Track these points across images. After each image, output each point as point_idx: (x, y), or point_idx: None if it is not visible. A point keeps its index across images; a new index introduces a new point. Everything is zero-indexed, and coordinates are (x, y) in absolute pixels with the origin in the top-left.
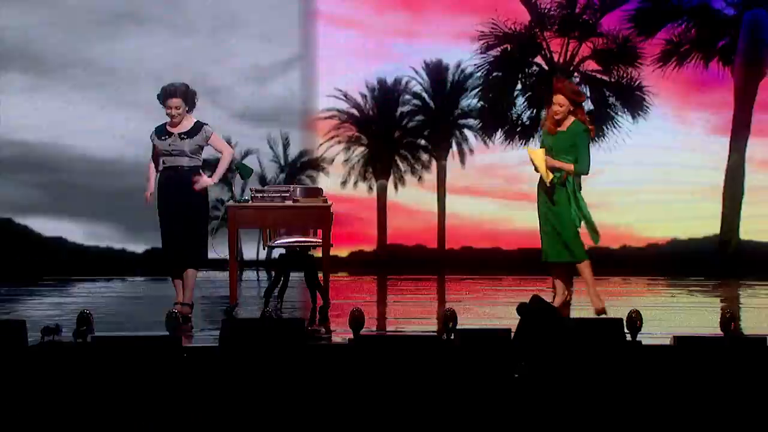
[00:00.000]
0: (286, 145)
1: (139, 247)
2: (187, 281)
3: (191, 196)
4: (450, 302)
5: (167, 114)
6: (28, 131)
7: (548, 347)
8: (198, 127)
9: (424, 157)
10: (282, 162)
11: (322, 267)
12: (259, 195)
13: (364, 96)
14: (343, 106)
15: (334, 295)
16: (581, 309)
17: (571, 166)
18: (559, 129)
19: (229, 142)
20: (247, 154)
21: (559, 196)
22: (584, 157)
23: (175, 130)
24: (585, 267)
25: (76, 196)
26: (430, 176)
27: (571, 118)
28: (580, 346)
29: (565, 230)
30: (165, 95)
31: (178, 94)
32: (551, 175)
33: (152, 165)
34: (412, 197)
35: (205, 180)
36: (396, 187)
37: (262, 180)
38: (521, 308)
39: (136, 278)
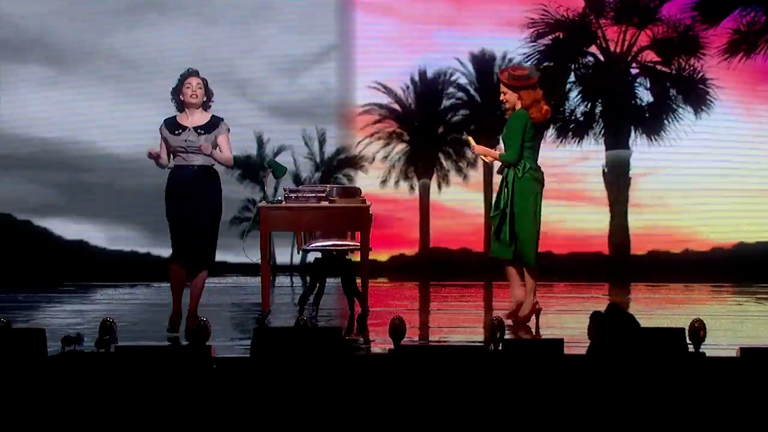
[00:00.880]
0: (321, 142)
1: (165, 251)
2: (197, 286)
3: (207, 198)
4: (498, 310)
5: (186, 94)
6: (46, 127)
7: (627, 360)
8: (216, 121)
9: (470, 154)
10: (317, 160)
11: (360, 272)
12: (293, 195)
13: (405, 89)
14: (383, 99)
15: (373, 302)
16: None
17: (495, 153)
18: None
19: (260, 139)
20: (280, 151)
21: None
22: (512, 144)
23: (189, 124)
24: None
25: (97, 197)
26: (476, 175)
27: (519, 104)
28: (639, 357)
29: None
30: (184, 75)
31: (200, 76)
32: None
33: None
34: (456, 197)
35: (208, 147)
36: (439, 186)
37: (297, 179)
38: (596, 317)
39: (162, 284)
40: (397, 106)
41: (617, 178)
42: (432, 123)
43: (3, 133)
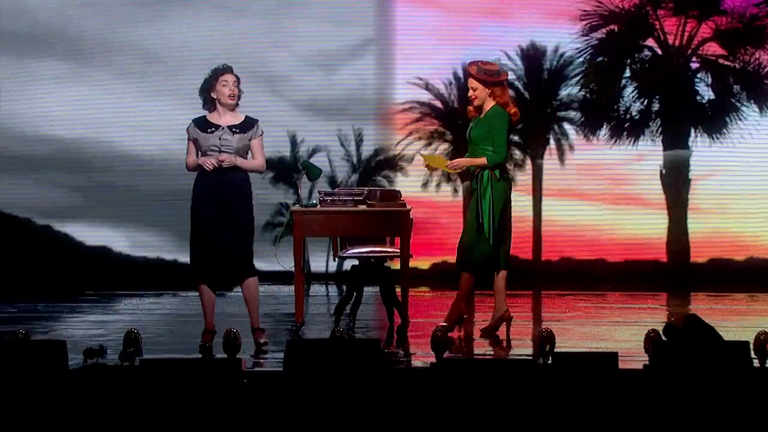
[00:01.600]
0: (358, 142)
1: None
2: (252, 294)
3: (242, 201)
4: (547, 321)
5: (222, 93)
6: (66, 125)
7: (705, 377)
8: (251, 122)
9: (517, 154)
10: (354, 161)
11: (401, 280)
12: (328, 198)
13: (447, 85)
14: (424, 96)
15: (413, 312)
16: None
17: (482, 160)
18: (478, 118)
19: (294, 139)
20: (314, 151)
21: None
22: (499, 144)
23: (223, 122)
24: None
25: (121, 200)
26: (524, 177)
27: (491, 102)
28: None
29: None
30: (219, 71)
31: (235, 73)
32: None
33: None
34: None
35: (230, 158)
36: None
37: (332, 181)
38: (670, 330)
39: (190, 293)
40: (439, 104)
41: (676, 181)
42: None
43: (21, 132)
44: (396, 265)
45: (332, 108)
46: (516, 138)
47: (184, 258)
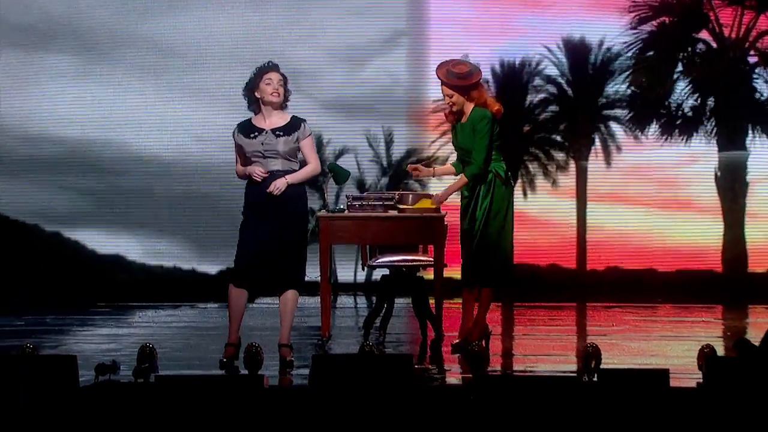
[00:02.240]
0: (389, 142)
1: (212, 267)
2: (288, 308)
3: (292, 207)
4: (592, 336)
5: (265, 91)
6: (76, 125)
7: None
8: (296, 123)
9: (560, 156)
10: (384, 163)
11: (434, 291)
12: (356, 203)
13: (485, 81)
14: None
15: (448, 325)
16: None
17: (461, 181)
18: (462, 121)
19: (319, 140)
20: (341, 153)
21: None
22: (478, 150)
23: (267, 126)
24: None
25: (135, 205)
26: (568, 180)
27: (470, 105)
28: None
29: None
30: (263, 69)
31: (281, 72)
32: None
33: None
34: (544, 206)
35: (281, 182)
36: (525, 193)
37: (361, 185)
38: (742, 345)
39: (209, 305)
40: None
41: (732, 184)
42: (516, 121)
43: (28, 132)
44: (429, 274)
45: (361, 106)
46: (559, 138)
47: (203, 267)
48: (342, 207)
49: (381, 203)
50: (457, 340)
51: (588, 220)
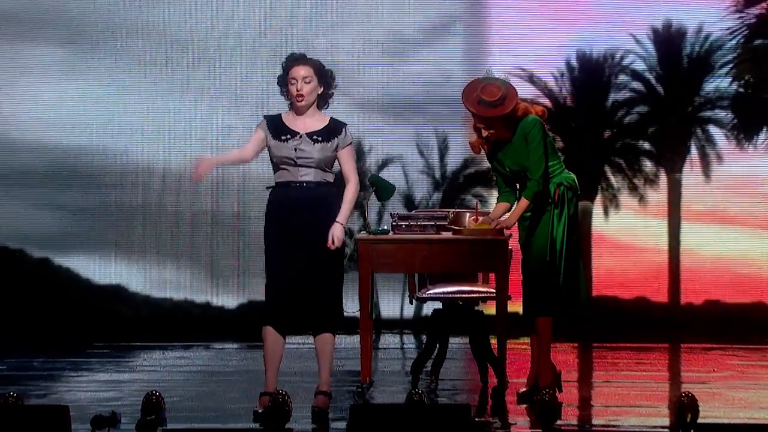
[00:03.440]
0: (442, 150)
1: (230, 300)
2: (325, 351)
3: (324, 228)
4: (688, 383)
5: (289, 91)
6: (66, 130)
7: None
8: (337, 127)
9: (648, 166)
10: (437, 175)
11: (496, 329)
12: (403, 224)
13: (558, 77)
14: (528, 91)
15: (513, 370)
16: None
17: (523, 203)
18: (507, 145)
19: (359, 147)
20: (385, 163)
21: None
22: (534, 164)
23: (302, 128)
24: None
25: (138, 225)
26: (658, 195)
27: (506, 131)
28: None
29: None
30: (287, 63)
31: (310, 63)
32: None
33: (239, 153)
34: (629, 226)
35: (339, 230)
36: (605, 211)
37: (408, 201)
38: None
39: (227, 345)
40: (547, 101)
41: None
42: (596, 124)
43: (9, 138)
44: (491, 308)
45: (407, 107)
46: (647, 145)
47: (219, 300)
48: (386, 228)
49: (432, 224)
50: (524, 389)
51: (682, 243)
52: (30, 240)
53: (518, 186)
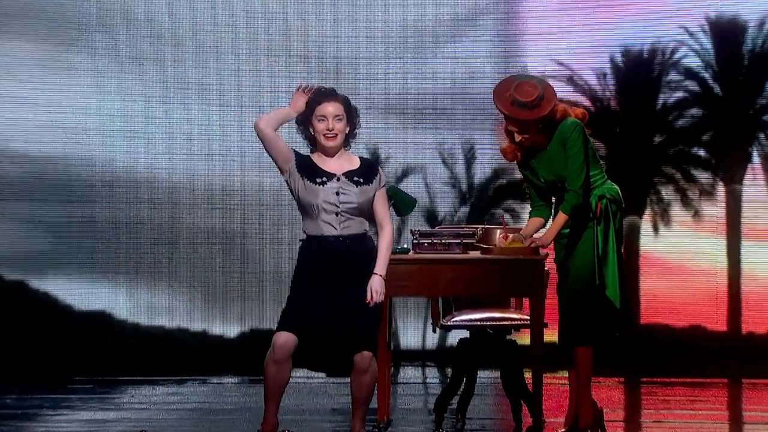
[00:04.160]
0: (469, 159)
1: (230, 328)
2: (365, 380)
3: (363, 274)
4: (751, 424)
5: (317, 129)
6: (44, 137)
7: None
8: (372, 167)
9: (704, 177)
10: (463, 186)
11: (530, 361)
12: (425, 241)
13: (600, 76)
14: (566, 92)
15: (549, 407)
16: None
17: (561, 218)
18: (542, 152)
19: (375, 155)
20: (405, 173)
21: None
22: (573, 173)
23: (337, 169)
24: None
25: (125, 244)
26: (715, 209)
27: (545, 130)
28: None
29: None
30: (317, 99)
31: (339, 99)
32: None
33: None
34: (682, 244)
35: (379, 285)
36: (655, 227)
37: (431, 216)
38: None
39: (225, 380)
40: (588, 103)
41: None
42: (643, 129)
43: None
44: (524, 338)
45: (430, 110)
46: (702, 153)
47: (217, 328)
48: (406, 247)
49: (458, 241)
50: (563, 429)
51: (743, 264)
52: (3, 260)
53: (554, 199)
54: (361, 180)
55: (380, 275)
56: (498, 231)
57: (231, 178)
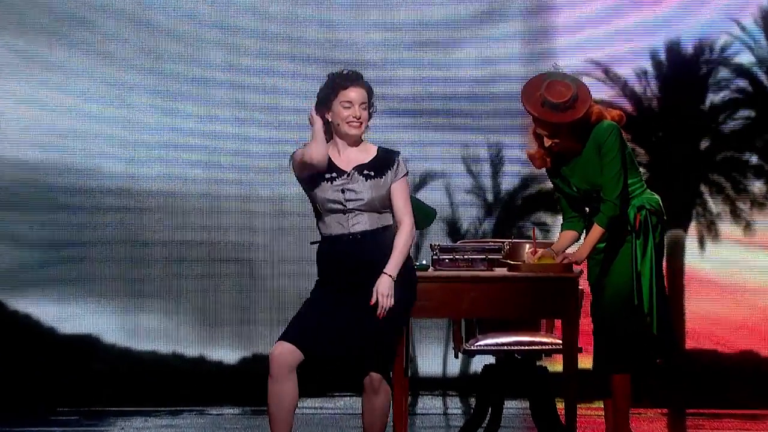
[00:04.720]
0: (496, 166)
1: (229, 354)
2: (379, 404)
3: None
4: None
5: (342, 116)
6: (23, 142)
7: None
8: (388, 157)
9: (757, 186)
10: (489, 196)
11: (563, 389)
12: (446, 257)
13: (641, 75)
14: (603, 92)
15: None
16: None
17: (597, 231)
18: (575, 159)
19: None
20: (424, 180)
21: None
22: (610, 181)
23: (346, 163)
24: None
25: (114, 260)
26: None
27: (578, 134)
28: None
29: None
30: (340, 83)
31: (365, 86)
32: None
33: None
34: (732, 260)
35: (385, 287)
36: (701, 242)
37: (453, 229)
38: None
39: (224, 410)
40: (628, 104)
41: None
42: (688, 133)
43: None
44: (556, 364)
45: (451, 113)
46: (755, 159)
47: (216, 353)
48: (425, 263)
49: (483, 257)
50: None
51: None
52: None
53: (588, 210)
54: (372, 173)
55: (389, 275)
56: (527, 246)
57: (231, 186)
